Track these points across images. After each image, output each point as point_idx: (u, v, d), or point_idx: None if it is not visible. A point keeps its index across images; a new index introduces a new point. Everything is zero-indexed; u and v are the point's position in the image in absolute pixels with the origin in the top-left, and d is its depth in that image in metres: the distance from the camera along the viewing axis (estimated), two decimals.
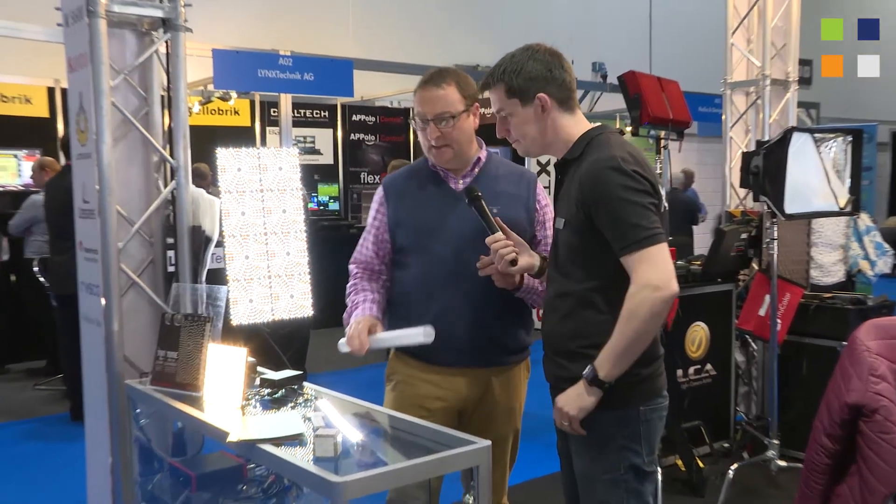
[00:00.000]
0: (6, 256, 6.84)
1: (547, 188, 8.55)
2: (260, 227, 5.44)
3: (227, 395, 2.32)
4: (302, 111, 10.32)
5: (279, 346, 5.71)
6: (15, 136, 8.19)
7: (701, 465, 4.22)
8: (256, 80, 6.76)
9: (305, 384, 2.41)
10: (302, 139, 10.37)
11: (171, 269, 3.24)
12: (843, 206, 4.07)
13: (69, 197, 3.20)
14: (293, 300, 5.58)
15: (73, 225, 3.14)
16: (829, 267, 5.02)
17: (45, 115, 8.58)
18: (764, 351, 4.76)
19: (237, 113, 9.86)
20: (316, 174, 10.43)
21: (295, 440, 1.94)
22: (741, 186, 4.13)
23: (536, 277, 2.37)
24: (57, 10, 3.12)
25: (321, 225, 8.67)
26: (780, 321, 4.20)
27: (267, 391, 2.38)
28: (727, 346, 4.65)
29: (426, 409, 2.40)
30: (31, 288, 6.40)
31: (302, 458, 1.85)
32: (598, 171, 2.01)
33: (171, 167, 3.11)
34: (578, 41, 11.13)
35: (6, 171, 8.17)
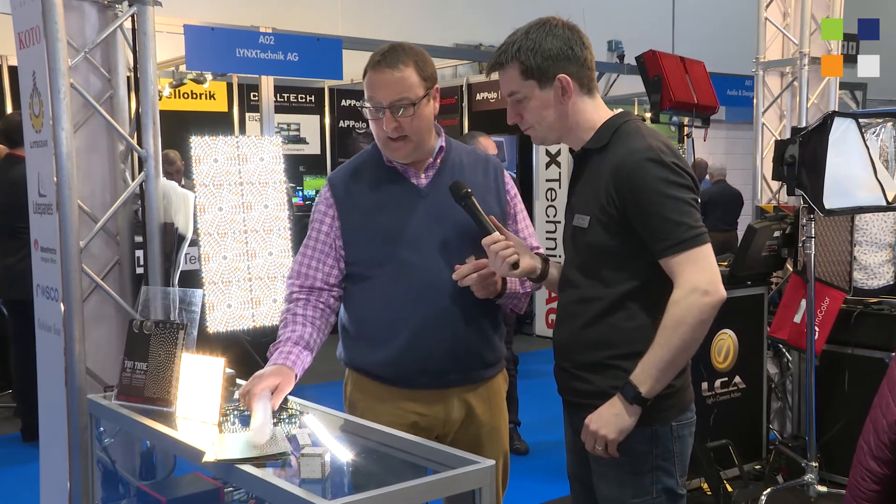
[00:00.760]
0: None
1: (555, 181, 8.57)
2: (239, 224, 5.44)
3: (202, 410, 2.31)
4: (285, 95, 10.32)
5: (260, 355, 5.69)
6: None
7: (729, 488, 4.21)
8: (234, 60, 6.75)
9: (290, 398, 2.40)
10: (285, 126, 10.37)
11: (139, 270, 3.24)
12: (891, 200, 4.07)
13: (16, 191, 3.19)
14: (276, 305, 5.56)
15: (21, 222, 3.13)
16: (874, 268, 5.01)
17: None
18: (800, 362, 4.76)
19: (213, 97, 9.86)
20: (301, 165, 10.42)
21: (278, 460, 1.93)
22: (774, 178, 4.13)
23: (537, 281, 2.35)
24: None
25: (307, 222, 8.64)
26: (818, 329, 4.20)
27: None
28: (758, 356, 4.64)
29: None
30: None
31: (286, 479, 1.83)
32: (635, 163, 2.00)
33: (138, 157, 3.11)
34: (592, 17, 11.04)
35: None
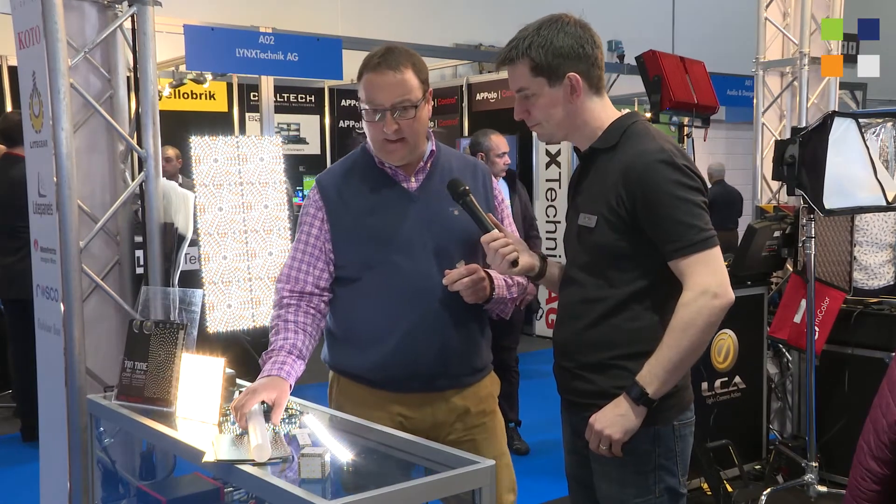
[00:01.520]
0: None
1: (555, 181, 8.57)
2: (239, 224, 5.43)
3: (202, 410, 2.31)
4: (285, 95, 10.31)
5: (260, 355, 5.69)
6: None
7: (729, 489, 4.21)
8: (234, 60, 6.75)
9: (290, 398, 2.41)
10: (285, 126, 10.36)
11: (139, 270, 3.24)
12: (891, 200, 4.07)
13: (15, 190, 3.19)
14: None
15: (20, 221, 3.13)
16: (875, 269, 5.01)
17: None
18: (800, 362, 4.76)
19: (213, 97, 9.86)
20: (301, 165, 10.41)
21: (278, 460, 1.94)
22: (774, 178, 4.13)
23: (536, 279, 2.35)
24: None
25: None
26: (818, 329, 4.20)
27: None
28: (758, 356, 4.64)
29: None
30: None
31: (286, 480, 1.84)
32: (646, 164, 2.01)
33: (138, 157, 3.11)
34: (592, 17, 10.94)
35: None
